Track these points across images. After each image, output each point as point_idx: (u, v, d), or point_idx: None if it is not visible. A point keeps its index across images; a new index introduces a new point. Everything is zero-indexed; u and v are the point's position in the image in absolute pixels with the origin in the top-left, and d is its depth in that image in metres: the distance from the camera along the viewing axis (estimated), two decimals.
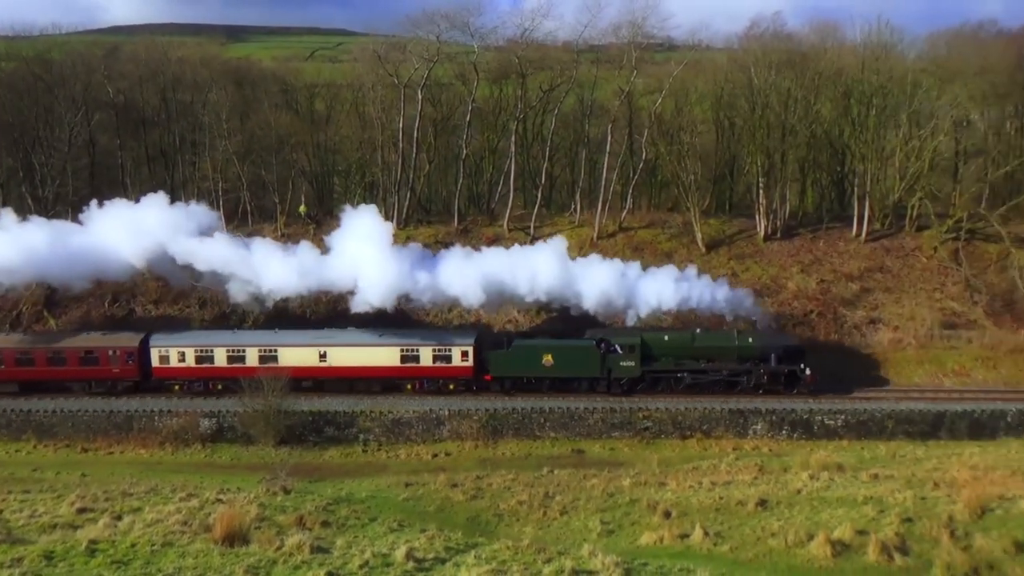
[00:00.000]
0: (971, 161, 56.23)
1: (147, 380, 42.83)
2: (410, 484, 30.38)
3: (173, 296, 48.21)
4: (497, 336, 44.87)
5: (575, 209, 56.96)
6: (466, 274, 41.32)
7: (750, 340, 42.31)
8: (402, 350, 42.36)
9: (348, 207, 44.58)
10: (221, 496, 25.68)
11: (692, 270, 44.62)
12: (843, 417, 38.67)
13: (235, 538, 17.78)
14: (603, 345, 41.98)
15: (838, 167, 59.62)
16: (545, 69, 58.00)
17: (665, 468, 32.88)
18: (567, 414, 39.38)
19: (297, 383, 40.87)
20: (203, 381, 42.65)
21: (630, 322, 43.20)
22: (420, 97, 53.87)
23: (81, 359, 42.32)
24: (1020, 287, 48.13)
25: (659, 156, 56.53)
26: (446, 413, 39.38)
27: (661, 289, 42.27)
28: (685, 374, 41.92)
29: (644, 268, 44.22)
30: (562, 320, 46.00)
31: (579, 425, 39.27)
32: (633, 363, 41.64)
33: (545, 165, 56.34)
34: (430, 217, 58.01)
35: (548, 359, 41.74)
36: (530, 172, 59.74)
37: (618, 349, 41.87)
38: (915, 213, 53.46)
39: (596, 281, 41.94)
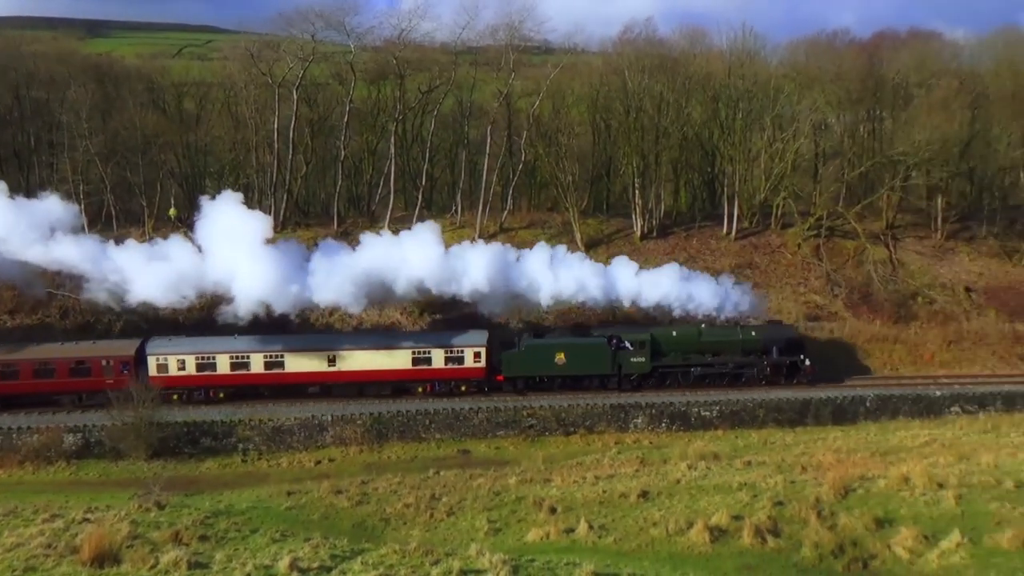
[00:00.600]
0: (829, 162, 59.49)
1: None
2: (293, 493, 29.48)
3: (31, 305, 45.10)
4: (507, 336, 44.24)
5: (456, 210, 56.91)
6: (338, 272, 39.84)
7: (753, 334, 43.31)
8: (414, 353, 41.64)
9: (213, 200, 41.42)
10: (89, 515, 24.12)
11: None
12: (718, 408, 40.06)
13: (105, 559, 16.73)
14: (614, 342, 42.23)
15: (709, 168, 61.87)
16: (423, 70, 57.77)
17: (550, 465, 33.19)
18: (453, 415, 39.21)
19: (303, 389, 40.94)
20: (204, 389, 40.87)
21: (545, 303, 43.18)
22: (295, 97, 52.60)
23: (71, 370, 39.64)
24: (875, 280, 51.27)
25: (538, 157, 57.21)
26: (329, 419, 38.50)
27: (563, 275, 42.49)
28: (694, 368, 42.68)
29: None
30: (446, 322, 45.87)
31: (465, 425, 39.16)
32: (644, 359, 42.05)
33: (425, 166, 56.03)
34: (308, 220, 56.72)
35: (560, 358, 41.80)
36: (410, 173, 59.28)
37: (629, 346, 42.17)
38: (780, 212, 56.07)
39: (479, 266, 41.08)
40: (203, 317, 43.41)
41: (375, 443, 38.25)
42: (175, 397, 40.14)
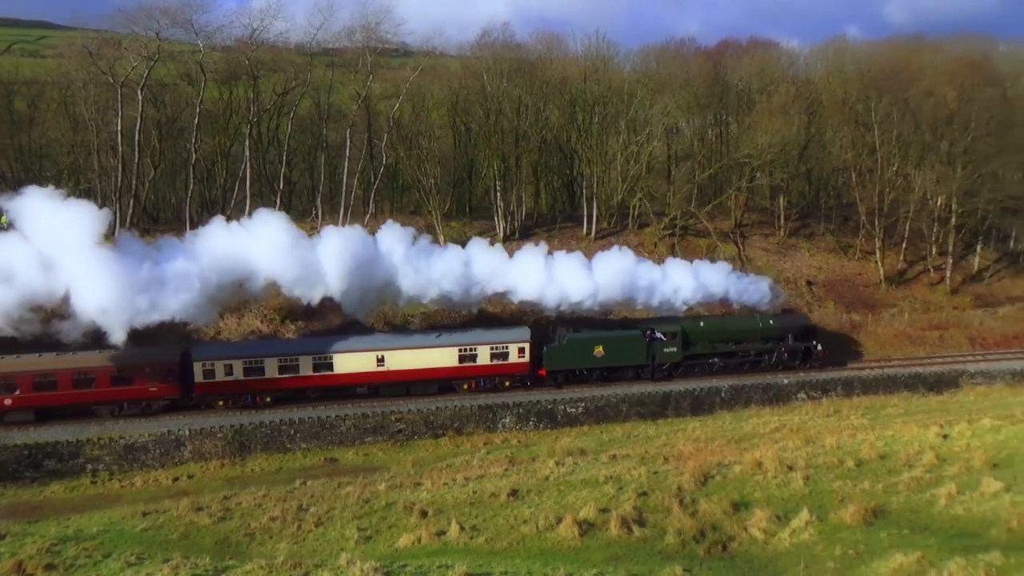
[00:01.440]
0: (681, 164, 61.99)
1: (187, 397, 39.27)
2: (148, 513, 27.90)
3: None
4: (545, 331, 44.67)
5: (316, 215, 55.66)
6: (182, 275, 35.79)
7: (771, 322, 46.22)
8: (460, 350, 41.83)
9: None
10: None
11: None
12: (583, 404, 40.92)
13: None
14: (648, 334, 43.85)
15: (568, 170, 63.20)
16: (278, 71, 56.24)
17: (420, 468, 32.95)
18: (318, 423, 38.27)
19: (351, 390, 40.73)
20: (251, 394, 39.79)
21: (428, 300, 42.70)
22: (140, 97, 49.89)
23: (113, 379, 37.86)
24: None
25: (399, 160, 56.80)
26: (187, 433, 36.75)
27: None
28: (717, 358, 45.15)
29: None
30: (312, 330, 44.80)
31: (331, 433, 38.32)
32: (675, 348, 44.07)
33: (283, 170, 54.52)
34: (159, 226, 53.99)
35: (599, 350, 43.07)
36: (267, 177, 57.53)
37: (662, 337, 44.01)
38: (636, 212, 57.94)
39: (334, 248, 38.60)
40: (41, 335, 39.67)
41: (237, 456, 36.81)
42: (220, 403, 39.59)
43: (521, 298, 43.15)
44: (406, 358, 41.20)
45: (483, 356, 42.03)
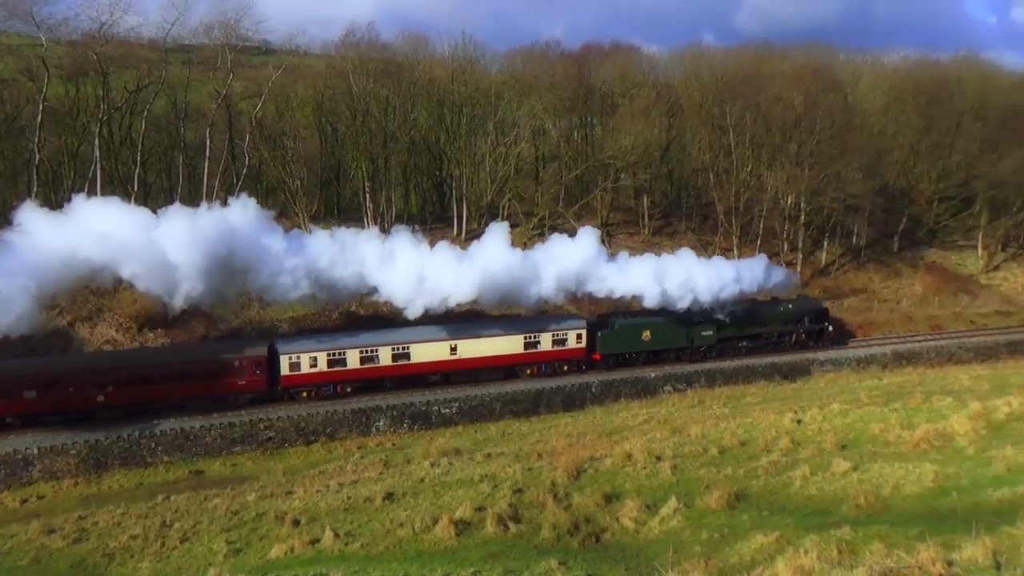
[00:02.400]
0: (548, 165, 63.04)
1: (273, 389, 39.77)
2: None
3: None
4: (594, 318, 47.78)
5: None
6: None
7: (790, 306, 51.23)
8: (525, 338, 44.41)
9: None
10: None
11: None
12: (457, 405, 40.94)
13: None
14: (689, 319, 47.16)
15: (437, 171, 63.13)
16: (130, 68, 53.45)
17: (291, 476, 32.12)
18: (181, 435, 36.60)
19: (425, 378, 42.42)
20: (333, 385, 40.81)
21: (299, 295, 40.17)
22: None
23: (206, 374, 38.22)
24: None
25: (263, 161, 55.12)
26: (35, 452, 34.35)
27: None
28: (746, 340, 49.57)
29: None
30: (173, 340, 42.88)
31: (196, 445, 36.73)
32: (711, 332, 48.24)
33: (137, 171, 51.85)
34: None
35: (647, 335, 46.90)
36: (120, 179, 54.54)
37: (701, 321, 47.69)
38: (506, 212, 58.46)
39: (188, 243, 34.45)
40: None
41: (92, 473, 34.69)
42: (304, 395, 40.42)
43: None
44: (476, 347, 43.16)
45: (545, 343, 44.96)
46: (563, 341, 45.26)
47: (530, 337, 44.62)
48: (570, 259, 42.67)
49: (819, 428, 30.11)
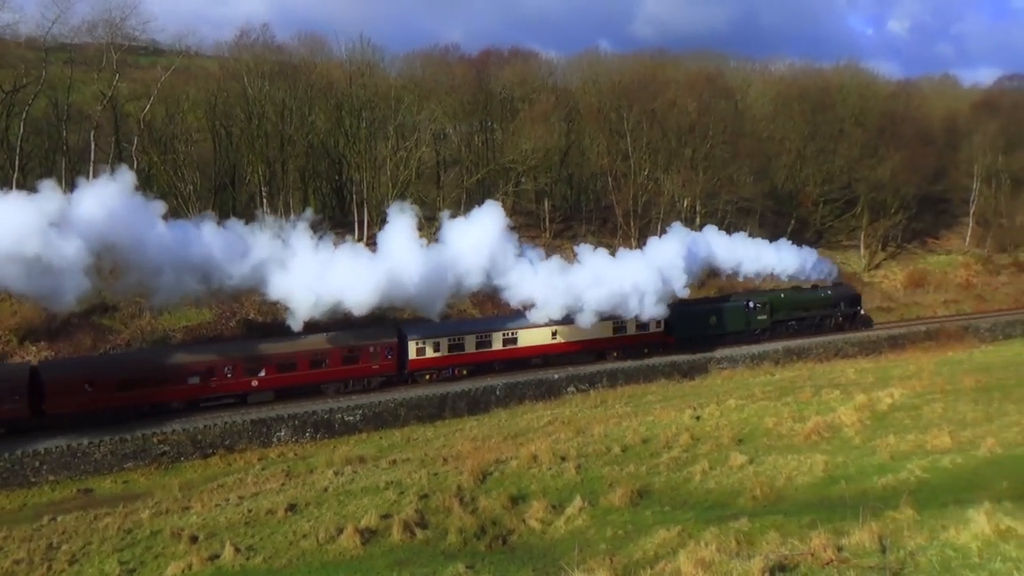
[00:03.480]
0: (450, 169, 63.00)
1: (401, 373, 43.26)
2: None
3: None
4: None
5: None
6: None
7: (829, 292, 57.51)
8: (614, 323, 47.85)
9: None
10: None
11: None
12: (361, 412, 40.33)
13: None
14: (747, 304, 53.40)
15: (337, 176, 62.17)
16: (6, 67, 50.66)
17: (188, 491, 30.96)
18: (68, 452, 34.78)
19: (528, 361, 46.32)
20: (452, 368, 44.22)
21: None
22: None
23: (344, 358, 41.62)
24: None
25: (153, 166, 53.15)
26: None
27: None
28: (793, 322, 55.46)
29: None
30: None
31: (84, 462, 34.98)
32: (765, 316, 54.18)
33: (15, 176, 49.08)
34: None
35: (712, 319, 52.30)
36: None
37: (756, 306, 53.68)
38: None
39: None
40: None
41: None
42: (427, 377, 43.81)
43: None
44: (573, 332, 46.46)
45: (631, 327, 49.00)
46: (646, 326, 49.35)
47: (618, 322, 48.24)
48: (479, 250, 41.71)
49: (717, 424, 31.10)
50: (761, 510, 19.12)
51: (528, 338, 46.29)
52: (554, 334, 46.74)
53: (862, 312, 59.61)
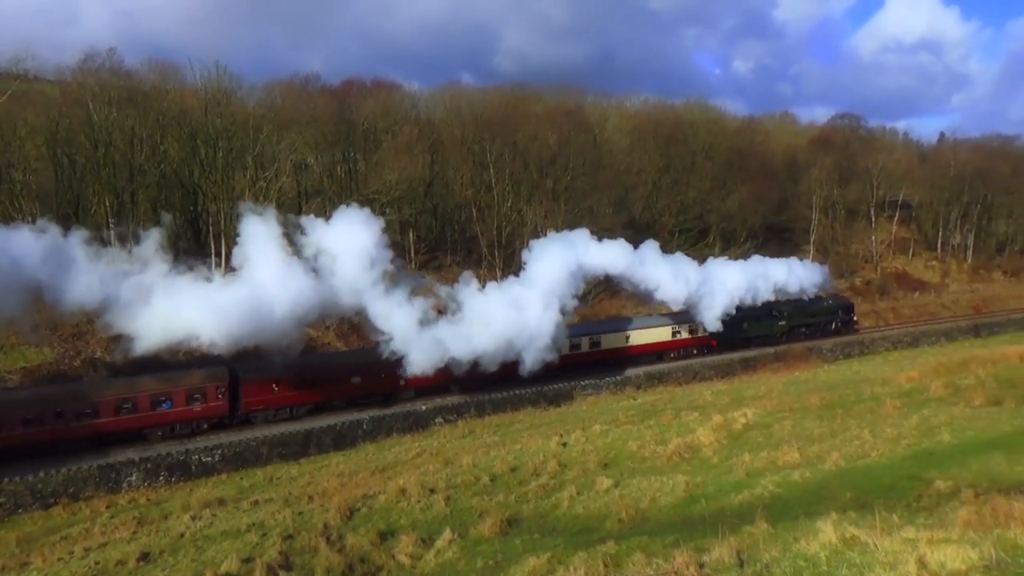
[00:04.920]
0: (312, 200, 61.74)
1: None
2: None
3: None
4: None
5: None
6: None
7: (830, 302, 67.38)
8: (672, 328, 55.83)
9: None
10: None
11: None
12: (219, 452, 38.59)
13: None
14: (771, 313, 62.08)
15: (192, 207, 59.78)
16: None
17: (27, 546, 28.62)
18: None
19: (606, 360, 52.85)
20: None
21: None
22: None
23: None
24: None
25: None
26: None
27: None
28: (804, 328, 64.57)
29: None
30: None
31: None
32: (784, 322, 63.21)
33: None
34: None
35: (745, 325, 59.99)
36: None
37: (777, 314, 62.55)
38: None
39: None
40: None
41: None
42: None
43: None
44: (643, 335, 54.56)
45: (683, 332, 56.74)
46: (695, 331, 56.74)
47: (675, 328, 56.14)
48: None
49: (583, 449, 31.61)
50: (627, 532, 19.49)
51: (609, 341, 53.47)
52: (627, 338, 54.70)
53: (855, 319, 69.32)
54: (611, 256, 48.54)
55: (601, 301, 68.03)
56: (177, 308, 33.71)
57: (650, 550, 15.73)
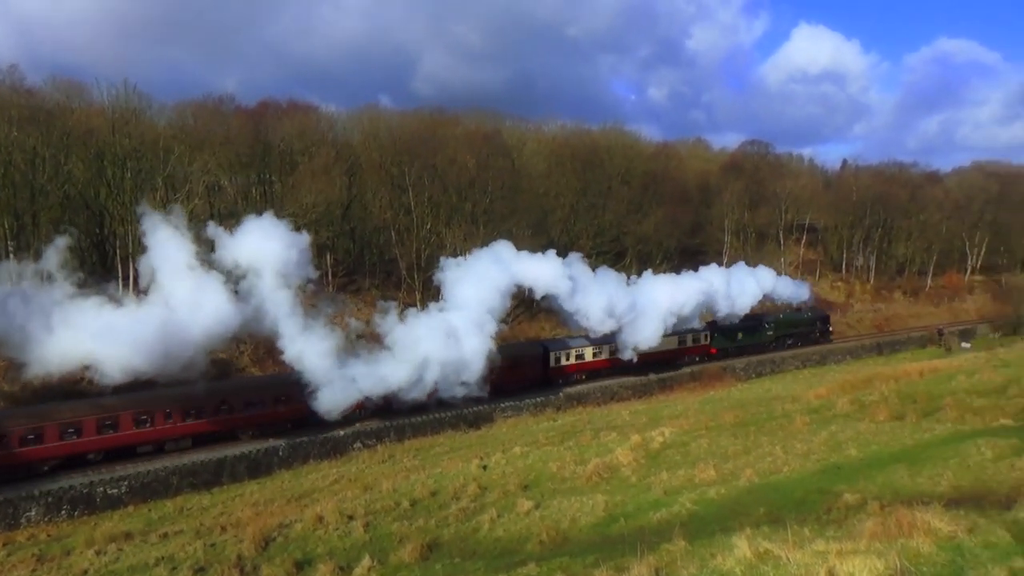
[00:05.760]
0: (225, 223, 60.27)
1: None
2: None
3: None
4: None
5: None
6: None
7: (809, 314, 76.22)
8: (678, 338, 62.64)
9: None
10: None
11: None
12: (127, 483, 37.04)
13: None
14: (763, 323, 70.73)
15: (98, 229, 57.67)
16: None
17: None
18: None
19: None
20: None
21: None
22: None
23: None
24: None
25: None
26: None
27: None
28: (790, 338, 73.13)
29: None
30: None
31: None
32: (772, 332, 71.54)
33: None
34: None
35: (740, 335, 68.56)
36: None
37: (767, 325, 71.12)
38: None
39: None
40: None
41: None
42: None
43: None
44: (666, 341, 59.47)
45: (689, 341, 64.43)
46: (698, 339, 64.89)
47: (682, 337, 63.19)
48: None
49: (503, 471, 31.55)
50: (548, 553, 19.48)
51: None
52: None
53: (831, 329, 77.77)
54: (543, 270, 48.09)
55: (520, 322, 68.38)
56: (77, 333, 32.18)
57: (571, 571, 15.77)
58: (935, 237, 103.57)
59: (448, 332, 42.48)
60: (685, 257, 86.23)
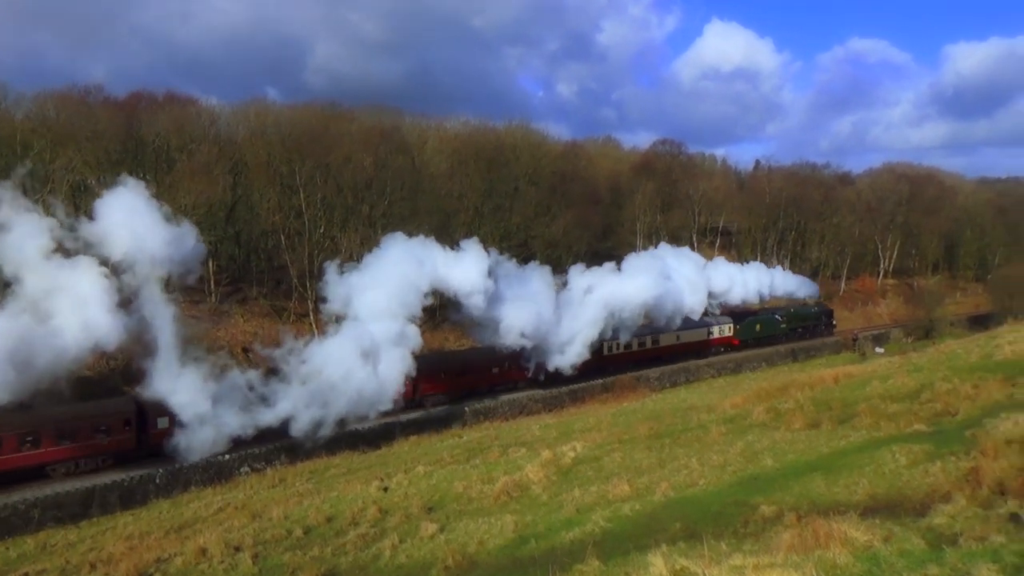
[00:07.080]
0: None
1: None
2: None
3: None
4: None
5: None
6: None
7: (815, 308, 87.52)
8: (707, 330, 72.98)
9: None
10: None
11: None
12: None
13: None
14: (776, 317, 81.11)
15: None
16: None
17: None
18: None
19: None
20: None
21: None
22: None
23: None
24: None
25: None
26: None
27: None
28: (800, 329, 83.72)
29: None
30: None
31: None
32: (785, 325, 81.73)
33: None
34: None
35: (759, 327, 78.98)
36: None
37: (780, 319, 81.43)
38: None
39: None
40: None
41: None
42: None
43: None
44: (692, 335, 71.28)
45: (716, 332, 74.40)
46: (723, 331, 74.59)
47: (709, 329, 72.87)
48: None
49: (405, 493, 31.27)
50: None
51: (666, 339, 69.36)
52: (678, 337, 69.77)
53: (834, 323, 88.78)
54: (468, 271, 46.66)
55: (424, 333, 68.01)
56: None
57: None
58: (848, 240, 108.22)
59: (361, 352, 41.78)
60: (596, 261, 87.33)
